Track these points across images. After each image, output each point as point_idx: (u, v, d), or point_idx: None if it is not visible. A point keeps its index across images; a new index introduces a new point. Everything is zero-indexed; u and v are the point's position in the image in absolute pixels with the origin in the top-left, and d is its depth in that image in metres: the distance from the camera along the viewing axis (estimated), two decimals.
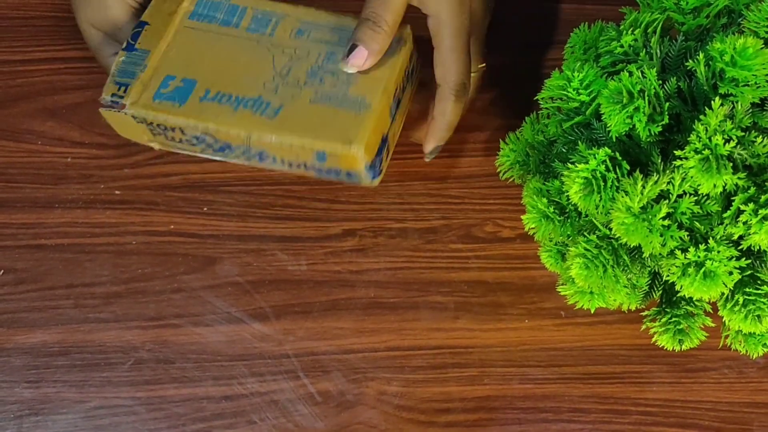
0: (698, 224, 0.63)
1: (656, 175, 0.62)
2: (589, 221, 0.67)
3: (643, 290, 0.70)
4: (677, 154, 0.61)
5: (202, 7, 0.76)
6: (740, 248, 0.63)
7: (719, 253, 0.61)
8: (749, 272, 0.64)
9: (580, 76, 0.66)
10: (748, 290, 0.64)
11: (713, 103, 0.60)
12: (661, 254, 0.63)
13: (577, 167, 0.63)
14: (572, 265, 0.66)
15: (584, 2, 0.86)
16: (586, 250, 0.65)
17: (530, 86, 0.82)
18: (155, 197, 0.81)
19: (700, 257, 0.62)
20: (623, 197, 0.61)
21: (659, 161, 0.63)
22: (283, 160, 0.72)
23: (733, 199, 0.61)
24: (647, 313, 0.72)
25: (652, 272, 0.69)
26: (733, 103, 0.61)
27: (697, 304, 0.71)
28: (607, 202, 0.63)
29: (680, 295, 0.64)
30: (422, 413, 0.78)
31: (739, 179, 0.60)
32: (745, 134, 0.60)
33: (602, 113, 0.63)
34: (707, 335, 0.71)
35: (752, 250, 0.63)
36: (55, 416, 0.77)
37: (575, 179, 0.63)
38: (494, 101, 0.85)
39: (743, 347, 0.70)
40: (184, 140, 0.73)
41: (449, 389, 0.79)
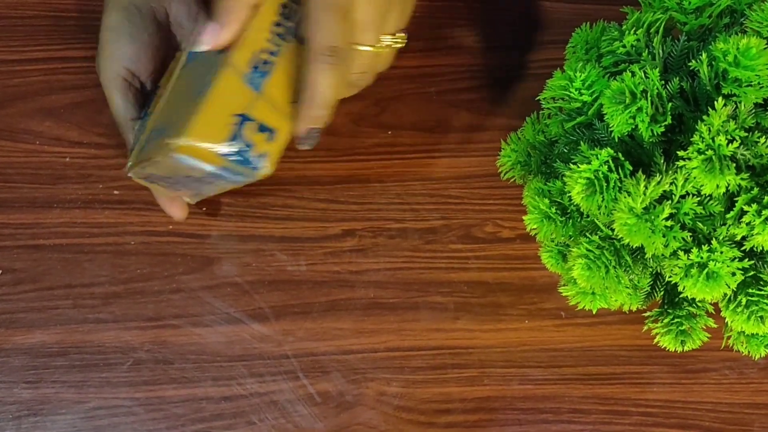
0: (701, 225, 0.63)
1: (659, 175, 0.62)
2: (591, 222, 0.67)
3: (644, 291, 0.70)
4: (680, 154, 0.61)
5: (191, 54, 0.73)
6: (743, 249, 0.63)
7: (722, 254, 0.61)
8: (752, 273, 0.64)
9: (582, 76, 0.66)
10: (750, 291, 0.64)
11: (716, 103, 0.60)
12: (663, 255, 0.63)
13: (579, 168, 0.62)
14: (574, 265, 0.66)
15: (584, 2, 0.86)
16: (588, 250, 0.65)
17: (530, 86, 0.83)
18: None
19: (703, 258, 0.62)
20: (626, 198, 0.61)
21: (662, 162, 0.63)
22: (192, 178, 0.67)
23: (736, 199, 0.61)
24: (649, 314, 0.72)
25: (653, 273, 0.69)
26: (736, 103, 0.61)
27: (699, 305, 0.70)
28: (609, 202, 0.62)
29: (682, 296, 0.64)
30: (422, 414, 0.78)
31: (742, 180, 0.60)
32: (748, 135, 0.60)
33: (605, 113, 0.63)
34: (709, 336, 0.71)
35: (755, 251, 0.63)
36: (54, 417, 0.77)
37: (578, 180, 0.62)
38: (494, 101, 0.84)
39: (745, 348, 0.70)
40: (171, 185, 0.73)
41: (449, 390, 0.79)
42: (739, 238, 0.62)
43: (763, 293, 0.64)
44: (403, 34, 0.70)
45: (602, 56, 0.68)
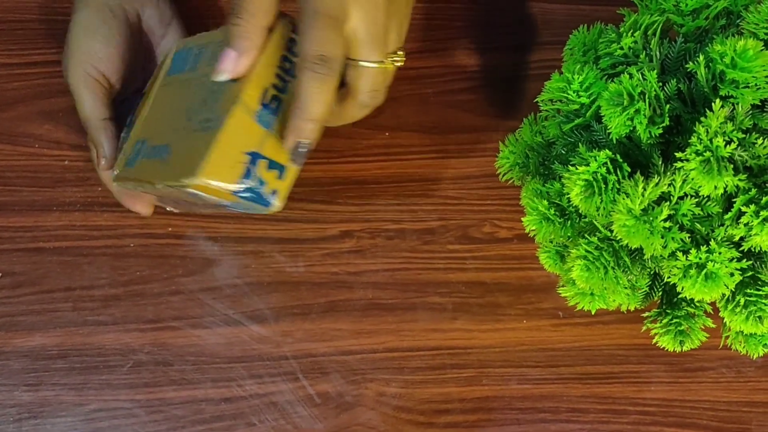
0: (699, 226, 0.63)
1: (657, 177, 0.62)
2: (589, 223, 0.67)
3: (643, 291, 0.70)
4: (678, 156, 0.61)
5: (175, 60, 0.74)
6: (741, 249, 0.63)
7: (720, 254, 0.62)
8: (750, 273, 0.64)
9: (580, 78, 0.66)
10: (749, 291, 0.64)
11: (714, 104, 0.61)
12: (662, 256, 0.63)
13: (578, 169, 0.63)
14: (573, 266, 0.66)
15: (580, 2, 0.86)
16: (587, 251, 0.66)
17: (528, 87, 0.83)
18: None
19: (701, 259, 0.62)
20: (624, 199, 0.61)
21: (660, 163, 0.63)
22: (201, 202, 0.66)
23: (734, 200, 0.62)
24: (648, 314, 0.72)
25: (652, 273, 0.69)
26: (733, 104, 0.61)
27: (697, 305, 0.71)
28: (608, 204, 0.63)
29: (681, 296, 0.64)
30: (421, 414, 0.78)
31: (740, 181, 0.60)
32: (745, 136, 0.60)
33: (602, 115, 0.63)
34: (708, 336, 0.71)
35: (753, 251, 0.63)
36: (54, 419, 0.77)
37: (576, 181, 0.63)
38: (491, 102, 0.85)
39: (744, 348, 0.70)
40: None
41: (448, 390, 0.79)
42: (737, 238, 0.63)
43: (761, 293, 0.64)
44: (401, 51, 0.69)
45: (600, 58, 0.68)
